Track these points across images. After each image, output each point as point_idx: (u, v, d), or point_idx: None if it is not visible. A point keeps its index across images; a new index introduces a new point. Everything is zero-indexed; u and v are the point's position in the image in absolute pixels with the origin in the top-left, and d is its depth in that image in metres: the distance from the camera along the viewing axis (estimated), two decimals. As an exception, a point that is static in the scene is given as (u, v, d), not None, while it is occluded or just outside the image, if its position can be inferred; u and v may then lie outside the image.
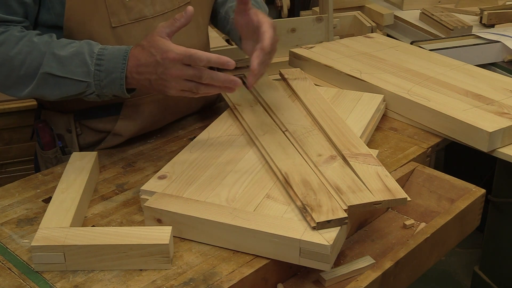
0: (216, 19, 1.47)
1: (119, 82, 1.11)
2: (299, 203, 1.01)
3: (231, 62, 1.06)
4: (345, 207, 0.99)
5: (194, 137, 1.27)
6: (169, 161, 1.17)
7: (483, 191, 1.18)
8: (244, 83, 1.47)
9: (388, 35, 2.28)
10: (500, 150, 1.26)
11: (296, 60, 1.66)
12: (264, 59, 1.15)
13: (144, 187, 1.08)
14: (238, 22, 1.23)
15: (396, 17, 2.44)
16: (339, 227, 0.96)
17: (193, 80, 1.07)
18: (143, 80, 1.10)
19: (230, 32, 1.42)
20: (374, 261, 1.03)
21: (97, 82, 1.12)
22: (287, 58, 1.71)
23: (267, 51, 1.14)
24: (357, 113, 1.34)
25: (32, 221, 1.08)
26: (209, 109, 1.49)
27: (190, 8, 1.08)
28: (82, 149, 1.32)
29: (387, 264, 0.99)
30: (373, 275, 0.96)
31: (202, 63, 1.05)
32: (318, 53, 1.66)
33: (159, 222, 1.02)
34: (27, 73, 1.13)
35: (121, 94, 1.14)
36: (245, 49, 1.27)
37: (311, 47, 1.71)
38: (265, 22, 1.18)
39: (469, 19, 2.30)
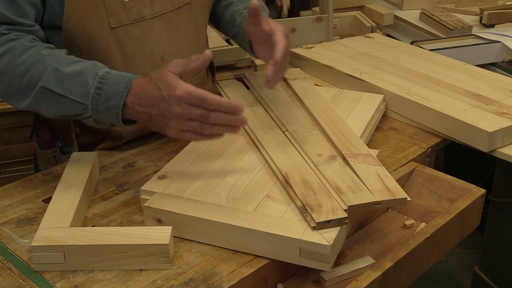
0: (219, 22, 1.47)
1: (116, 110, 1.05)
2: (299, 203, 1.01)
3: (240, 108, 1.01)
4: (345, 207, 0.99)
5: (194, 137, 1.27)
6: (169, 161, 1.17)
7: (483, 191, 1.18)
8: (243, 82, 1.48)
9: (388, 35, 2.27)
10: (500, 150, 1.26)
11: (296, 60, 1.66)
12: (277, 68, 1.13)
13: (144, 187, 1.08)
14: (249, 31, 1.23)
15: (396, 17, 2.44)
16: (339, 227, 0.96)
17: (197, 120, 1.02)
18: (143, 113, 1.05)
19: (236, 36, 1.41)
20: (374, 261, 1.03)
21: (94, 106, 1.06)
22: (287, 58, 1.71)
23: (279, 63, 1.13)
24: (357, 113, 1.34)
25: (32, 221, 1.08)
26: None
27: (208, 52, 1.04)
28: (81, 149, 1.32)
29: (387, 264, 0.99)
30: (373, 275, 0.96)
31: (212, 107, 1.00)
32: (318, 53, 1.66)
33: (159, 222, 1.02)
34: (28, 85, 1.09)
35: (118, 124, 1.08)
36: (259, 54, 1.29)
37: (311, 47, 1.71)
38: (278, 31, 1.16)
39: (469, 19, 2.30)
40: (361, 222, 1.15)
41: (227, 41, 1.99)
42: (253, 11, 1.15)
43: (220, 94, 1.46)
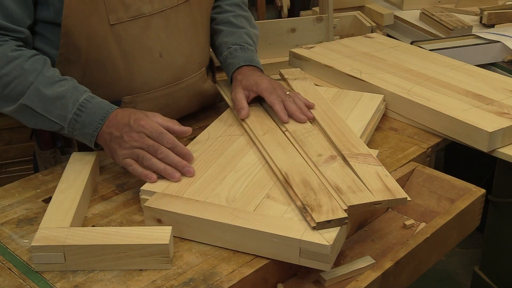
0: (211, 41, 1.49)
1: (89, 138, 1.14)
2: (299, 203, 1.01)
3: (191, 157, 1.12)
4: (345, 207, 0.99)
5: (194, 137, 1.27)
6: (169, 161, 1.17)
7: (483, 191, 1.18)
8: None
9: (388, 35, 2.27)
10: (500, 150, 1.26)
11: (296, 60, 1.66)
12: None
13: (144, 187, 1.08)
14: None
15: (396, 17, 2.44)
16: (339, 227, 0.96)
17: (145, 150, 1.10)
18: (106, 133, 1.12)
19: (221, 63, 1.46)
20: (374, 261, 1.03)
21: (70, 129, 1.15)
22: (287, 58, 1.71)
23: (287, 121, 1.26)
24: (357, 113, 1.34)
25: (32, 221, 1.08)
26: (209, 109, 1.49)
27: (189, 129, 1.15)
28: (81, 149, 1.32)
29: (387, 264, 0.99)
30: (373, 275, 0.96)
31: (167, 145, 1.10)
32: (318, 53, 1.66)
33: (159, 222, 1.02)
34: (10, 96, 1.15)
35: (91, 147, 1.17)
36: (233, 95, 1.34)
37: (311, 47, 1.71)
38: (275, 103, 1.27)
39: (469, 19, 2.30)
40: (361, 222, 1.15)
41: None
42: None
43: (220, 94, 1.47)
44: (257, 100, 1.37)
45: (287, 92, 1.30)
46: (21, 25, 1.17)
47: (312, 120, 1.27)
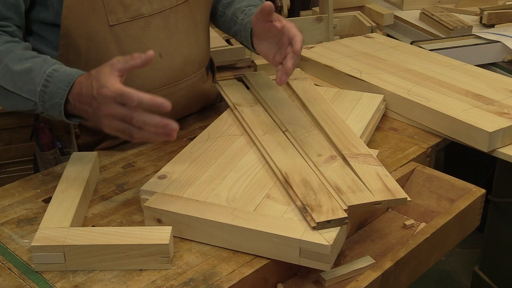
0: (219, 21, 1.47)
1: (58, 108, 1.08)
2: (299, 203, 1.01)
3: (165, 104, 0.98)
4: (345, 207, 0.99)
5: (194, 137, 1.27)
6: (169, 161, 1.17)
7: (483, 191, 1.18)
8: (243, 82, 1.48)
9: (388, 35, 2.27)
10: (500, 150, 1.26)
11: (296, 60, 1.66)
12: (296, 61, 1.18)
13: (144, 187, 1.08)
14: (256, 25, 1.24)
15: (396, 17, 2.44)
16: (339, 227, 0.96)
17: (125, 121, 1.01)
18: (82, 110, 1.07)
19: (237, 33, 1.41)
20: (374, 261, 1.03)
21: (41, 103, 1.10)
22: (287, 58, 1.71)
23: (299, 54, 1.18)
24: (357, 113, 1.34)
25: (32, 221, 1.08)
26: (209, 109, 1.49)
27: (150, 53, 1.02)
28: (81, 149, 1.32)
29: (387, 264, 0.99)
30: (373, 275, 0.96)
31: (133, 103, 0.98)
32: (318, 53, 1.66)
33: (159, 222, 1.02)
34: None
35: (64, 120, 1.10)
36: (260, 49, 1.28)
37: (311, 47, 1.71)
38: (293, 27, 1.20)
39: (469, 19, 2.30)
40: (361, 222, 1.15)
41: (227, 41, 1.99)
42: (266, 11, 1.19)
43: (220, 94, 1.47)
44: (257, 100, 1.37)
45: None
46: (6, 19, 1.16)
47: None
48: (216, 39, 1.96)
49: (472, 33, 2.12)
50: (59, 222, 1.00)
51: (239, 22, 1.38)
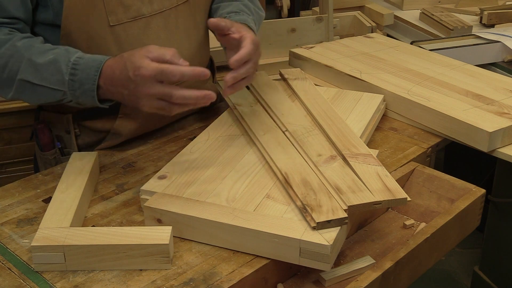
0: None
1: (91, 94, 1.09)
2: (299, 203, 1.01)
3: (205, 72, 1.03)
4: (345, 207, 0.99)
5: (194, 137, 1.27)
6: (169, 161, 1.17)
7: (483, 191, 1.18)
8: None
9: (388, 35, 2.27)
10: (500, 150, 1.26)
11: (296, 60, 1.66)
12: (236, 73, 1.12)
13: (144, 187, 1.08)
14: (220, 40, 1.24)
15: (396, 17, 2.44)
16: (339, 227, 0.96)
17: (165, 100, 1.04)
18: (116, 93, 1.08)
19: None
20: (374, 261, 1.03)
21: (71, 91, 1.10)
22: (287, 58, 1.71)
23: (233, 66, 1.12)
24: (357, 113, 1.34)
25: (32, 221, 1.08)
26: (209, 109, 1.49)
27: (185, 62, 1.04)
28: (81, 150, 1.32)
29: (387, 264, 0.99)
30: (373, 275, 0.96)
31: (175, 78, 1.02)
32: (318, 53, 1.66)
33: (159, 222, 1.02)
34: (9, 77, 1.13)
35: (98, 105, 1.11)
36: (228, 58, 1.23)
37: (311, 47, 1.71)
38: (247, 38, 1.16)
39: (469, 19, 2.30)
40: (361, 222, 1.15)
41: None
42: (213, 27, 1.19)
43: (220, 94, 1.47)
44: (257, 100, 1.37)
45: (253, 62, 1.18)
46: (13, 16, 1.16)
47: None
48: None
49: (472, 33, 2.12)
50: (59, 222, 1.00)
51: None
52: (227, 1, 1.41)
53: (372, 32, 2.10)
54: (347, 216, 0.97)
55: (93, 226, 1.07)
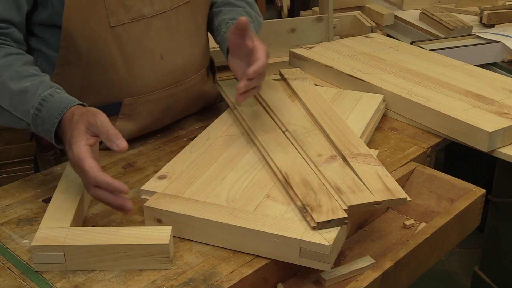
0: (209, 27, 1.46)
1: (49, 135, 1.07)
2: (299, 203, 1.01)
3: (123, 190, 0.97)
4: (345, 207, 0.99)
5: (194, 137, 1.27)
6: (169, 161, 1.17)
7: (483, 191, 1.18)
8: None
9: (388, 35, 2.27)
10: (500, 150, 1.26)
11: (296, 60, 1.66)
12: (250, 82, 1.14)
13: (144, 187, 1.08)
14: (231, 40, 1.20)
15: (396, 17, 2.44)
16: (339, 227, 0.96)
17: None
18: (64, 144, 1.06)
19: (219, 44, 1.41)
20: (374, 261, 1.03)
21: (34, 125, 1.09)
22: (287, 58, 1.71)
23: (251, 76, 1.13)
24: (357, 113, 1.34)
25: (32, 221, 1.08)
26: (209, 109, 1.49)
27: (124, 145, 0.98)
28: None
29: (387, 264, 0.99)
30: (373, 275, 0.96)
31: (90, 181, 0.97)
32: (318, 53, 1.66)
33: (159, 222, 1.02)
34: None
35: (56, 145, 1.10)
36: (231, 65, 1.24)
37: (311, 47, 1.71)
38: (261, 50, 1.16)
39: (469, 19, 2.30)
40: (361, 222, 1.15)
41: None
42: (240, 26, 1.15)
43: (220, 94, 1.47)
44: (257, 100, 1.37)
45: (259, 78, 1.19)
46: (5, 21, 1.15)
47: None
48: (216, 39, 1.96)
49: (472, 33, 2.12)
50: (59, 222, 1.00)
51: (221, 34, 1.37)
52: (229, 6, 1.42)
53: (372, 32, 2.10)
54: (347, 216, 0.97)
55: (93, 226, 1.06)
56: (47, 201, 1.11)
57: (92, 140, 1.01)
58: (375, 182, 1.05)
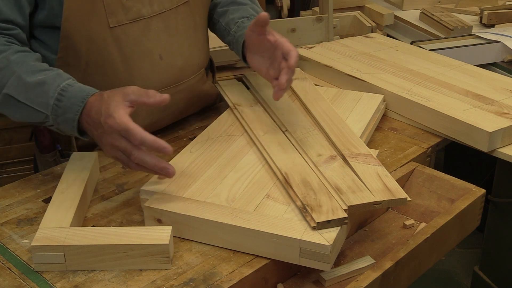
0: (214, 28, 1.46)
1: (72, 123, 1.08)
2: (299, 203, 1.01)
3: (167, 149, 1.00)
4: (345, 207, 0.99)
5: (194, 137, 1.27)
6: (169, 161, 1.17)
7: (483, 191, 1.18)
8: (243, 82, 1.48)
9: (388, 35, 2.27)
10: (500, 150, 1.26)
11: (296, 60, 1.66)
12: (290, 76, 1.15)
13: (144, 187, 1.08)
14: (250, 38, 1.22)
15: (396, 17, 2.44)
16: (339, 227, 0.96)
17: (125, 154, 1.02)
18: (89, 130, 1.08)
19: (230, 44, 1.41)
20: (374, 261, 1.03)
21: (53, 117, 1.09)
22: (287, 58, 1.71)
23: (293, 69, 1.15)
24: (357, 113, 1.34)
25: (32, 221, 1.08)
26: (209, 109, 1.49)
27: (166, 96, 1.03)
28: (81, 150, 1.32)
29: (387, 264, 0.99)
30: (373, 275, 0.96)
31: (135, 142, 1.00)
32: (318, 53, 1.66)
33: (159, 222, 1.02)
34: None
35: (77, 136, 1.11)
36: (252, 63, 1.26)
37: (311, 47, 1.71)
38: (286, 42, 1.17)
39: (469, 19, 2.30)
40: (361, 222, 1.15)
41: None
42: (261, 22, 1.16)
43: (220, 94, 1.47)
44: (257, 100, 1.37)
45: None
46: (10, 22, 1.15)
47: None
48: (216, 39, 1.95)
49: (472, 33, 2.12)
50: (59, 222, 1.00)
51: (232, 34, 1.37)
52: (234, 5, 1.42)
53: (372, 32, 2.10)
54: (347, 216, 0.97)
55: (93, 226, 1.07)
56: (47, 201, 1.11)
57: (129, 109, 1.03)
58: (375, 182, 1.05)
